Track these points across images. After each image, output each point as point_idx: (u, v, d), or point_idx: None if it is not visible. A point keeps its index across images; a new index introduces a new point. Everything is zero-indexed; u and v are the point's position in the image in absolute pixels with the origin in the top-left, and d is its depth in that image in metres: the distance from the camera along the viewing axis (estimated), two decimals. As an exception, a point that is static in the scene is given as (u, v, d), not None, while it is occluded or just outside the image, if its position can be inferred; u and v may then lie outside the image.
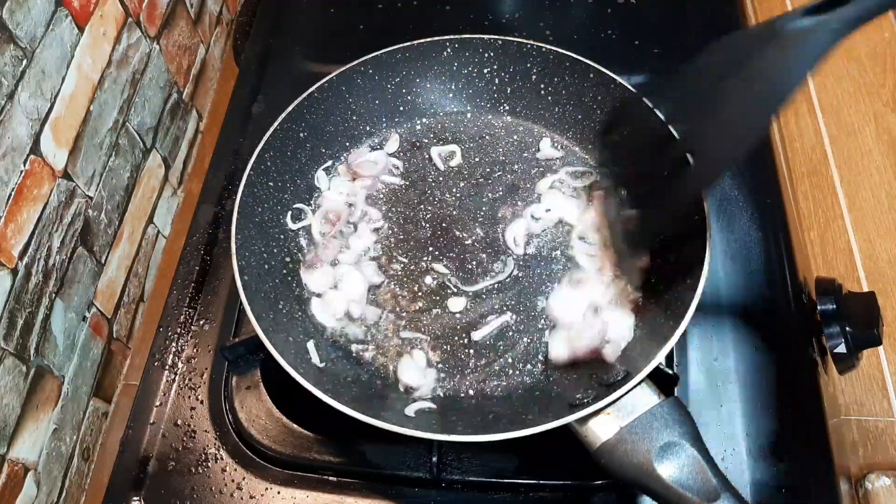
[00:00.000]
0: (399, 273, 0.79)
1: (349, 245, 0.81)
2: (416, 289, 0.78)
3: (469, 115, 0.91)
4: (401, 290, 0.78)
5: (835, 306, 0.74)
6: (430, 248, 0.81)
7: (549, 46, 0.84)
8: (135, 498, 0.70)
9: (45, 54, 0.97)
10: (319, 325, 0.75)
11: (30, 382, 1.00)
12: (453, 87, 0.90)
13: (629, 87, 0.79)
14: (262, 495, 0.69)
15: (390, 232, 0.82)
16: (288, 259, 0.79)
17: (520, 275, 0.78)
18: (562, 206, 0.82)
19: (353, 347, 0.74)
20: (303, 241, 0.81)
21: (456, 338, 0.74)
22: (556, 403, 0.66)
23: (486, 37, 0.86)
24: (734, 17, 1.05)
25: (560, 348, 0.71)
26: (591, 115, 0.85)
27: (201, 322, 0.80)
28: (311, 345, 0.72)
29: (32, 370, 1.00)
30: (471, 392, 0.70)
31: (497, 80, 0.89)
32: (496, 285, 0.77)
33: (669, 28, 1.04)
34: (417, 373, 0.71)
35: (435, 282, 0.78)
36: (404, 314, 0.76)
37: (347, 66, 0.84)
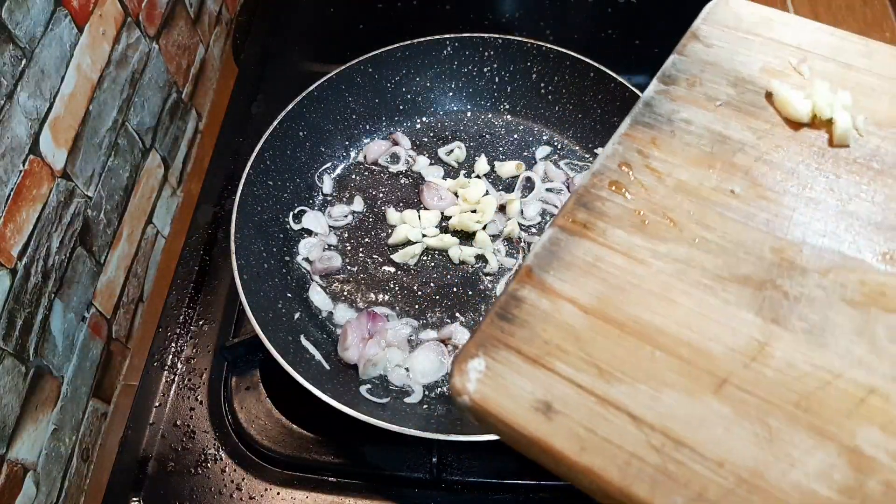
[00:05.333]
0: (400, 271, 0.79)
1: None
2: (415, 287, 0.78)
3: (469, 114, 0.91)
4: (400, 289, 0.78)
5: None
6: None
7: (549, 45, 0.83)
8: (134, 499, 0.69)
9: (45, 54, 0.97)
10: (318, 313, 0.75)
11: (29, 383, 0.99)
12: (453, 85, 0.89)
13: (629, 86, 0.79)
14: (261, 496, 0.68)
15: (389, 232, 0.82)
16: (287, 259, 0.79)
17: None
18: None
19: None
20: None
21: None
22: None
23: (486, 35, 0.86)
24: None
25: None
26: (591, 114, 0.85)
27: (201, 322, 0.80)
28: (311, 344, 0.71)
29: (31, 370, 1.00)
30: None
31: (497, 79, 0.88)
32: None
33: (669, 28, 1.04)
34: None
35: (437, 283, 0.78)
36: (400, 308, 0.76)
37: (347, 65, 0.84)
